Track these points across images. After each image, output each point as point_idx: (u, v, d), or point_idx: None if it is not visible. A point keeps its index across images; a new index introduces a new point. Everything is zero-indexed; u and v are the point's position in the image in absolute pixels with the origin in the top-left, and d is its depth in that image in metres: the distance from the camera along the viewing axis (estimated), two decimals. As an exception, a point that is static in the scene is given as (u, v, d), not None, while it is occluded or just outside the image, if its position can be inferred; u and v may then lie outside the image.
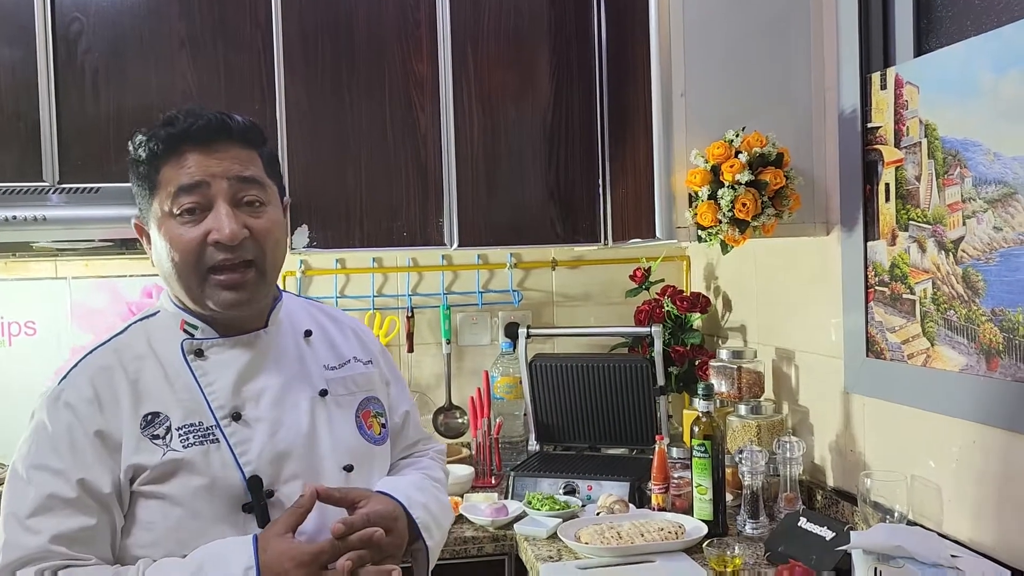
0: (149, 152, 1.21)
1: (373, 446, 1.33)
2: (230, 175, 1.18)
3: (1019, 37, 1.39)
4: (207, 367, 1.22)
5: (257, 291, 1.22)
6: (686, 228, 1.89)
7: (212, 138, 1.19)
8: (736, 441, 2.08)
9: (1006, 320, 1.42)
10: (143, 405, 1.18)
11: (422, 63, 2.29)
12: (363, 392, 1.35)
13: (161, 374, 1.21)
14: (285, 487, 1.20)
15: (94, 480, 1.14)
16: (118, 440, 1.16)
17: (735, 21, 1.91)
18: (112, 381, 1.19)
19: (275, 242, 1.23)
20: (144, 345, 1.24)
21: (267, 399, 1.23)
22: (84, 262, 2.53)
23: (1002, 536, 1.45)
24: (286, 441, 1.22)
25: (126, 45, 2.17)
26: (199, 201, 1.17)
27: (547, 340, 2.70)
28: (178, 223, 1.18)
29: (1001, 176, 1.43)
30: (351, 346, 1.39)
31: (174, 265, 1.18)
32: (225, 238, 1.15)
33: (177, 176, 1.18)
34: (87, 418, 1.16)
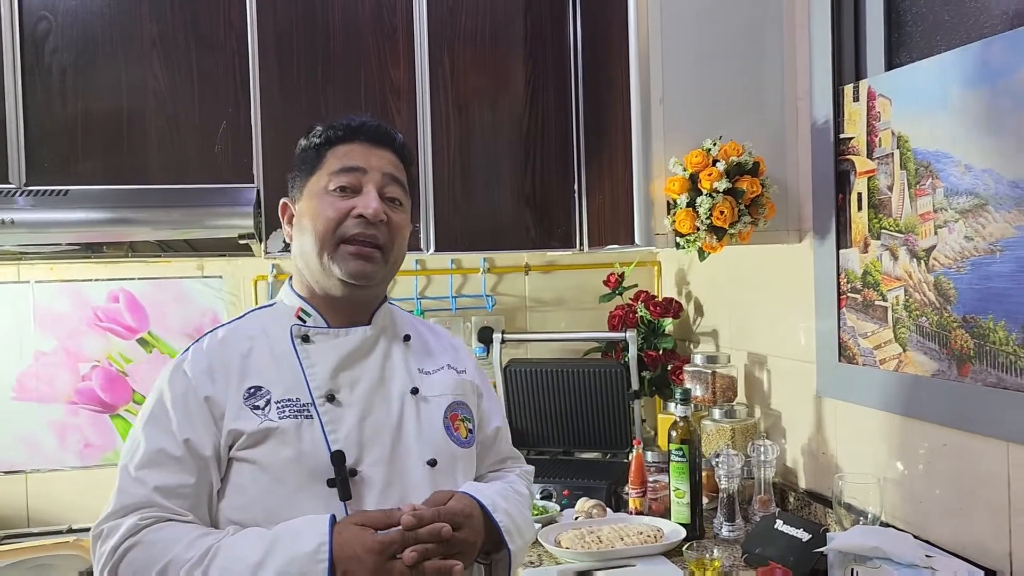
0: (326, 137, 1.36)
1: (458, 447, 1.38)
2: (384, 171, 1.34)
3: (989, 55, 1.44)
4: (311, 351, 1.33)
5: (377, 272, 1.33)
6: (664, 235, 1.91)
7: (379, 139, 1.36)
8: (711, 445, 2.11)
9: (977, 327, 1.47)
10: (248, 379, 1.29)
11: (398, 68, 2.28)
12: (453, 396, 1.41)
13: (269, 354, 1.32)
14: (369, 469, 1.27)
15: (198, 441, 1.24)
16: (223, 408, 1.26)
17: (711, 31, 1.95)
18: (225, 356, 1.31)
19: (402, 240, 1.37)
20: (258, 328, 1.36)
21: (361, 388, 1.32)
22: (48, 266, 2.47)
23: (974, 537, 1.49)
24: (373, 427, 1.30)
25: (95, 45, 2.13)
26: (353, 183, 1.32)
27: (520, 345, 2.71)
28: (329, 197, 1.31)
29: (972, 187, 1.47)
30: (446, 355, 1.47)
31: (315, 232, 1.30)
32: (369, 213, 1.29)
33: (342, 158, 1.33)
34: (200, 385, 1.27)
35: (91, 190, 2.09)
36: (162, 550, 1.17)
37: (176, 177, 2.16)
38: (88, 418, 2.50)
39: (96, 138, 2.13)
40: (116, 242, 2.23)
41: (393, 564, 1.15)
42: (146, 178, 2.14)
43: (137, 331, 2.53)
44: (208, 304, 2.57)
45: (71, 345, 2.49)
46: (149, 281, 2.54)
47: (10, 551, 2.13)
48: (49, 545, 2.15)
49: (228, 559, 1.15)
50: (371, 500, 1.26)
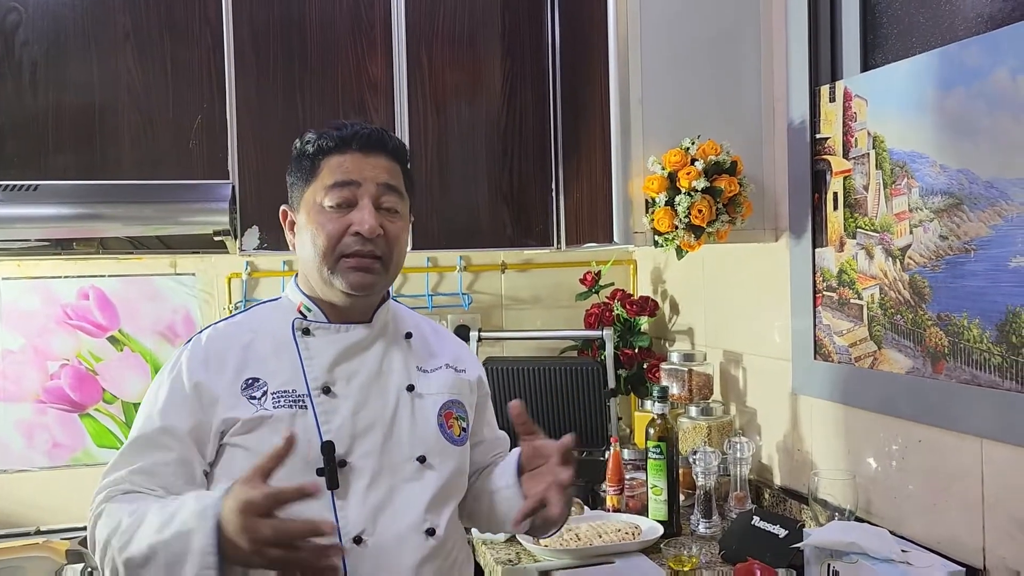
0: (317, 147, 1.37)
1: (451, 445, 1.40)
2: (379, 181, 1.35)
3: (964, 57, 1.46)
4: (311, 344, 1.36)
5: (378, 282, 1.36)
6: (643, 233, 1.92)
7: (371, 146, 1.36)
8: (687, 442, 2.12)
9: (951, 325, 1.49)
10: (247, 370, 1.33)
11: (376, 64, 2.27)
12: (449, 394, 1.44)
13: (270, 346, 1.36)
14: (358, 460, 1.31)
15: (178, 422, 1.28)
16: (214, 394, 1.30)
17: (689, 31, 1.96)
18: (224, 348, 1.35)
19: (401, 247, 1.39)
20: (259, 321, 1.41)
21: (357, 381, 1.36)
22: (16, 262, 2.42)
23: (949, 532, 1.52)
24: (366, 421, 1.33)
25: (67, 37, 2.09)
26: (348, 198, 1.33)
27: (496, 343, 2.70)
28: (326, 213, 1.34)
29: (947, 187, 1.50)
30: (447, 354, 1.49)
31: (315, 248, 1.34)
32: (365, 231, 1.31)
33: (335, 172, 1.34)
34: (192, 372, 1.31)
35: (62, 185, 2.06)
36: (110, 520, 1.22)
37: (149, 173, 2.12)
38: (56, 417, 2.45)
39: (67, 132, 2.09)
40: (87, 238, 2.19)
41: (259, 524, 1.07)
42: (119, 174, 2.10)
43: (107, 329, 2.49)
44: (181, 302, 2.54)
45: (39, 343, 2.44)
46: (120, 278, 2.50)
47: (-24, 553, 2.08)
48: (17, 547, 2.10)
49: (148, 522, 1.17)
50: (358, 490, 1.30)
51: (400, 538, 1.30)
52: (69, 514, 2.39)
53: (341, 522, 1.28)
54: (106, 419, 2.48)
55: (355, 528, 1.28)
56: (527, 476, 1.34)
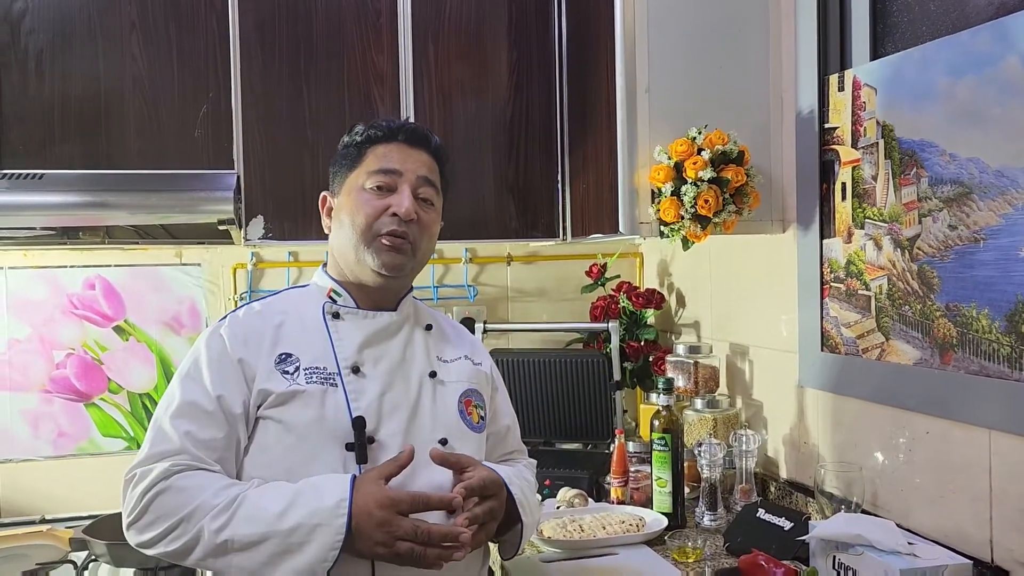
0: (367, 136, 1.44)
1: (470, 431, 1.45)
2: (419, 173, 1.42)
3: (974, 43, 1.44)
4: (340, 327, 1.41)
5: (407, 264, 1.42)
6: (649, 224, 1.91)
7: (416, 141, 1.45)
8: (693, 435, 2.11)
9: (960, 315, 1.48)
10: (280, 346, 1.37)
11: (382, 55, 2.26)
12: (468, 383, 1.49)
13: (300, 326, 1.41)
14: (385, 438, 1.35)
15: (230, 398, 1.32)
16: (254, 370, 1.34)
17: (696, 20, 1.94)
18: (259, 325, 1.39)
19: (430, 237, 1.45)
20: (291, 304, 1.45)
21: (384, 365, 1.40)
22: (23, 252, 2.43)
23: (956, 524, 1.50)
24: (392, 402, 1.38)
25: (73, 27, 2.09)
26: (389, 183, 1.40)
27: (502, 335, 2.70)
28: (367, 194, 1.41)
29: (957, 176, 1.48)
30: (464, 347, 1.55)
31: (354, 226, 1.40)
32: (403, 212, 1.38)
33: (380, 159, 1.42)
34: (234, 348, 1.35)
35: (67, 174, 2.06)
36: (190, 496, 1.24)
37: (155, 162, 2.12)
38: (62, 407, 2.45)
39: (73, 121, 2.09)
40: (92, 227, 2.19)
41: (400, 520, 1.22)
42: (124, 163, 2.11)
43: (113, 319, 2.49)
44: (186, 292, 2.54)
45: (46, 332, 2.44)
46: (126, 268, 2.50)
47: (-19, 541, 2.09)
48: (22, 535, 2.11)
49: (253, 508, 1.22)
50: None
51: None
52: (74, 503, 2.40)
53: None
54: (112, 409, 2.49)
55: None
56: None
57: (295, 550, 1.20)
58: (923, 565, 1.39)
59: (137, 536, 1.26)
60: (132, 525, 1.26)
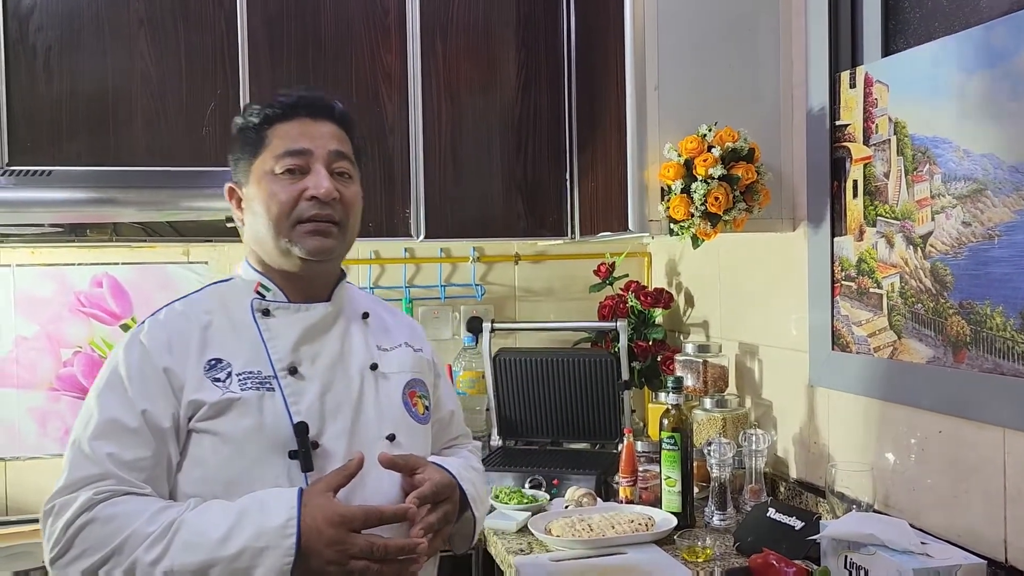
0: (264, 116, 1.32)
1: (416, 423, 1.39)
2: (330, 147, 1.32)
3: (988, 39, 1.43)
4: (272, 325, 1.32)
5: (336, 247, 1.33)
6: (658, 221, 1.89)
7: (319, 112, 1.33)
8: (702, 434, 2.10)
9: (974, 313, 1.46)
10: (208, 351, 1.27)
11: (390, 53, 2.26)
12: (411, 373, 1.42)
13: (229, 327, 1.31)
14: (329, 441, 1.27)
15: (156, 412, 1.21)
16: (182, 380, 1.24)
17: (706, 17, 1.93)
18: (183, 329, 1.29)
19: (356, 213, 1.36)
20: (216, 302, 1.35)
21: (322, 362, 1.32)
22: (30, 250, 2.42)
23: (969, 524, 1.49)
24: (335, 401, 1.30)
25: (81, 24, 2.09)
26: (300, 164, 1.30)
27: (509, 334, 2.68)
28: (279, 180, 1.30)
29: (971, 173, 1.47)
30: (403, 333, 1.47)
31: (269, 217, 1.29)
32: (322, 194, 1.28)
33: (285, 139, 1.31)
34: (157, 355, 1.25)
35: (75, 171, 2.06)
36: (120, 525, 1.13)
37: (162, 159, 2.12)
38: (69, 405, 2.45)
39: (81, 118, 2.09)
40: (100, 224, 2.20)
41: (353, 538, 1.15)
42: (132, 159, 2.10)
43: (121, 317, 2.49)
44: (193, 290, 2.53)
45: (53, 330, 2.44)
46: (133, 266, 2.50)
47: (-12, 538, 2.09)
48: (28, 532, 2.11)
49: (192, 533, 1.13)
50: (332, 469, 1.25)
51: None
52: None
53: None
54: (118, 407, 2.48)
55: None
56: None
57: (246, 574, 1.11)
58: (936, 565, 1.38)
59: (62, 573, 1.14)
60: (56, 561, 1.14)
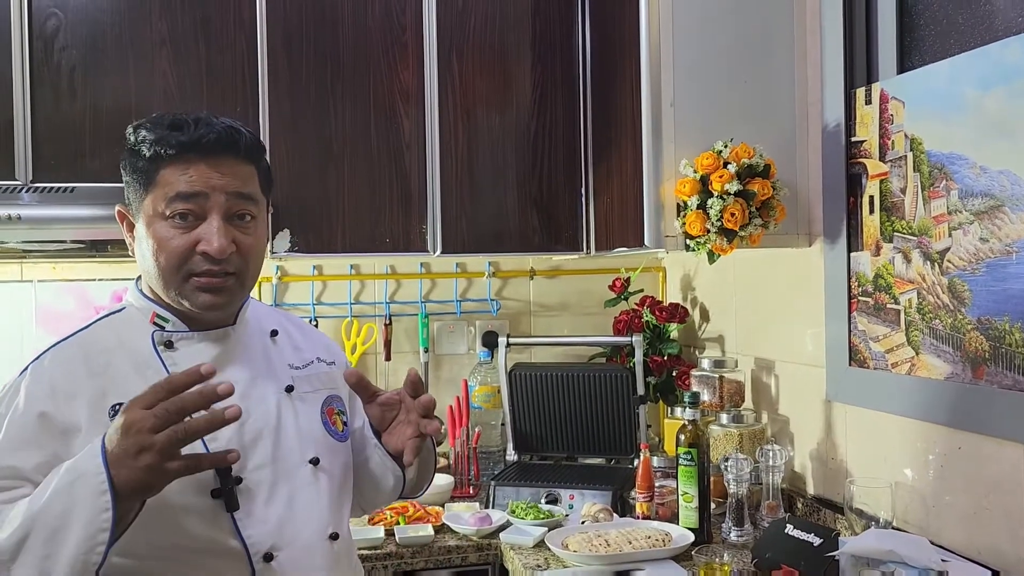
0: (154, 153, 1.19)
1: (337, 442, 1.36)
2: (229, 190, 1.20)
3: (1004, 55, 1.44)
4: (177, 358, 1.23)
5: (234, 297, 1.26)
6: (674, 237, 1.90)
7: (219, 151, 1.20)
8: (718, 450, 2.09)
9: (992, 329, 1.46)
10: (110, 396, 1.18)
11: (407, 71, 2.28)
12: (327, 390, 1.38)
13: (130, 366, 1.22)
14: (253, 474, 1.22)
15: (21, 462, 1.13)
16: (68, 425, 1.15)
17: (721, 34, 1.94)
18: (72, 373, 1.19)
19: (257, 256, 1.27)
20: (112, 339, 1.24)
21: (236, 391, 1.18)
22: (51, 265, 2.46)
23: (990, 541, 1.48)
24: (253, 431, 1.24)
25: (104, 43, 2.13)
26: (194, 209, 1.19)
27: (524, 349, 2.69)
28: (169, 226, 1.20)
29: (987, 189, 1.47)
30: (314, 348, 1.42)
31: (157, 265, 1.21)
32: (214, 251, 1.18)
33: (177, 181, 1.19)
34: (35, 402, 1.16)
35: (98, 187, 2.08)
36: None
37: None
38: (89, 419, 2.47)
39: (104, 135, 2.12)
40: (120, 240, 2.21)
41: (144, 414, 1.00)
42: (153, 176, 2.13)
43: (140, 332, 2.51)
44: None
45: (73, 345, 2.46)
46: (153, 281, 2.52)
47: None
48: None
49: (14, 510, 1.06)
50: (259, 505, 1.22)
51: (308, 548, 1.24)
52: None
53: (248, 542, 1.19)
54: (137, 421, 2.50)
55: (263, 545, 1.20)
56: (386, 435, 1.32)
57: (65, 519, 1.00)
58: (957, 582, 1.37)
59: None
60: None
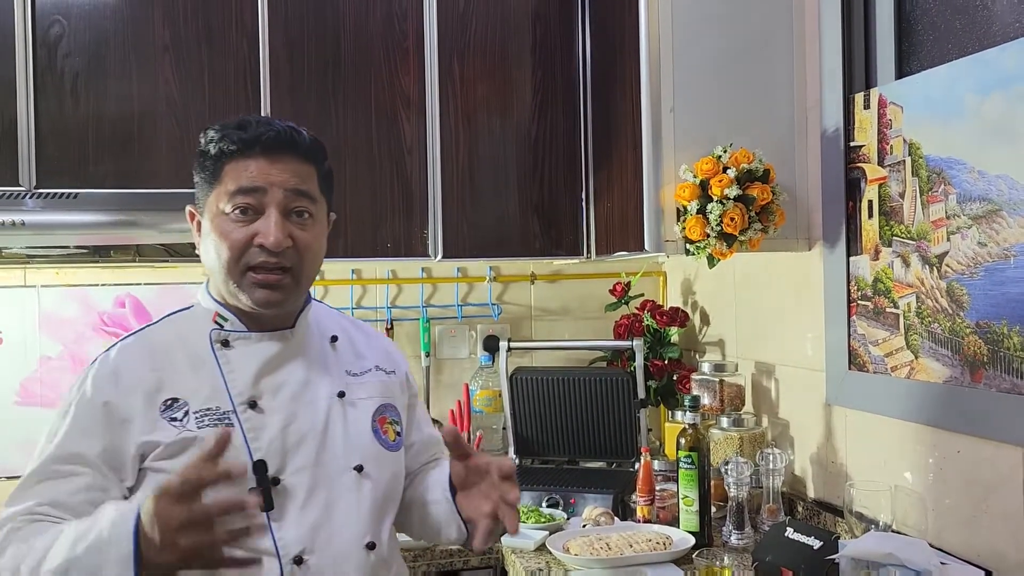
0: (219, 150, 1.26)
1: (386, 451, 1.36)
2: (287, 186, 1.25)
3: (1002, 60, 1.45)
4: (231, 356, 1.28)
5: (290, 295, 1.28)
6: (674, 241, 1.91)
7: (278, 148, 1.25)
8: (719, 453, 2.10)
9: (990, 332, 1.47)
10: (164, 391, 1.24)
11: (408, 76, 2.29)
12: (381, 398, 1.39)
13: (187, 363, 1.27)
14: (292, 477, 1.24)
15: (85, 448, 1.19)
16: (126, 415, 1.21)
17: (721, 39, 1.96)
18: (135, 365, 1.26)
19: (314, 255, 1.29)
20: (175, 335, 1.31)
21: (285, 393, 1.28)
22: (55, 270, 2.47)
23: (989, 544, 1.49)
24: (298, 434, 1.26)
25: (108, 49, 2.14)
26: (253, 204, 1.24)
27: (525, 353, 2.70)
28: (230, 220, 1.25)
29: (986, 193, 1.48)
30: (375, 356, 1.43)
31: (219, 258, 1.26)
32: (270, 244, 1.23)
33: (239, 177, 1.24)
34: (100, 391, 1.23)
35: (101, 193, 2.10)
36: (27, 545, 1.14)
37: (186, 182, 2.12)
38: (92, 423, 2.48)
39: (107, 142, 2.14)
40: (123, 246, 2.23)
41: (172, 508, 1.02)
42: (156, 182, 2.14)
43: (142, 336, 2.52)
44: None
45: (76, 350, 2.48)
46: (155, 287, 2.53)
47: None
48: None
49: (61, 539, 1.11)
50: (294, 508, 1.24)
51: (341, 555, 1.25)
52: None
53: (279, 543, 1.21)
54: (140, 426, 2.51)
55: (294, 548, 1.22)
56: (462, 495, 1.28)
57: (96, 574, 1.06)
58: (956, 585, 1.38)
59: None
60: None
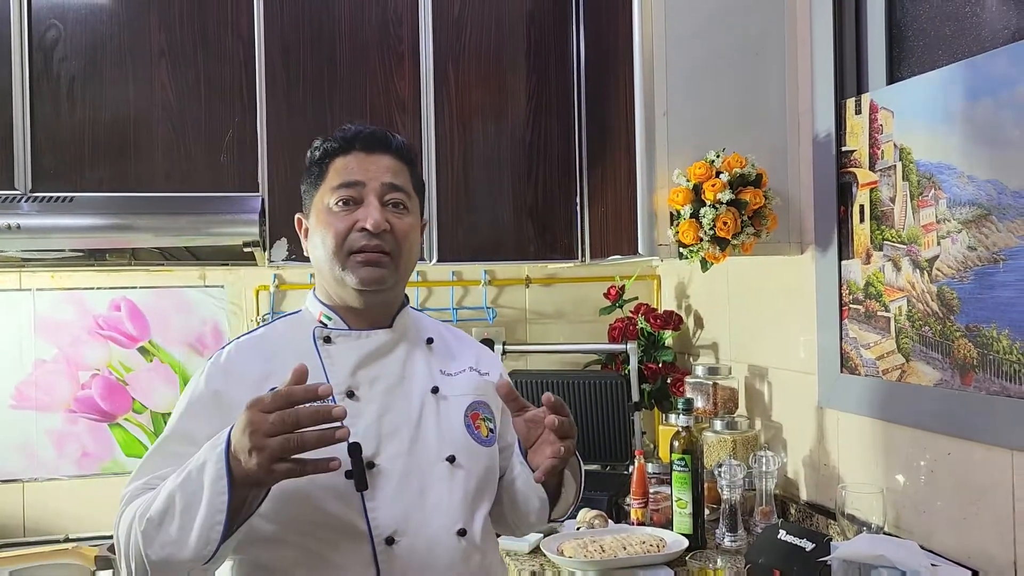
0: (324, 151, 1.40)
1: (479, 445, 1.40)
2: (383, 179, 1.37)
3: (991, 66, 1.46)
4: (332, 351, 1.37)
5: (390, 277, 1.37)
6: (667, 245, 1.93)
7: (374, 145, 1.39)
8: (712, 456, 2.11)
9: (980, 336, 1.48)
10: (271, 380, 1.30)
11: (403, 80, 2.30)
12: (475, 396, 1.44)
13: (293, 357, 1.31)
14: (387, 462, 1.31)
15: (195, 428, 1.29)
16: (234, 401, 1.26)
17: (714, 45, 1.97)
18: (246, 359, 1.37)
19: (410, 244, 1.40)
20: (285, 334, 1.42)
21: (381, 386, 1.36)
22: (50, 274, 2.47)
23: (980, 546, 1.50)
24: (392, 424, 1.34)
25: (104, 54, 2.15)
26: (353, 196, 1.36)
27: (521, 357, 2.71)
28: (333, 213, 1.36)
29: (975, 198, 1.49)
30: (469, 358, 1.49)
31: (325, 248, 1.36)
32: (371, 225, 1.33)
33: (341, 172, 1.37)
34: (212, 381, 1.34)
35: (96, 197, 2.11)
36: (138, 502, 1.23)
37: (181, 185, 2.17)
38: (87, 427, 2.49)
39: (103, 146, 2.14)
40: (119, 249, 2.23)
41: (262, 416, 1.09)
42: (152, 186, 2.15)
43: (138, 340, 2.52)
44: (209, 313, 2.57)
45: (71, 353, 2.48)
46: (151, 290, 2.54)
47: (6, 559, 2.11)
48: (47, 553, 2.13)
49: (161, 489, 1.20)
50: (388, 491, 1.29)
51: (432, 539, 1.30)
52: (98, 522, 2.42)
53: (372, 523, 1.27)
54: (135, 429, 2.52)
55: (387, 529, 1.28)
56: (532, 450, 1.34)
57: (197, 496, 1.13)
58: (947, 586, 1.39)
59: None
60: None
